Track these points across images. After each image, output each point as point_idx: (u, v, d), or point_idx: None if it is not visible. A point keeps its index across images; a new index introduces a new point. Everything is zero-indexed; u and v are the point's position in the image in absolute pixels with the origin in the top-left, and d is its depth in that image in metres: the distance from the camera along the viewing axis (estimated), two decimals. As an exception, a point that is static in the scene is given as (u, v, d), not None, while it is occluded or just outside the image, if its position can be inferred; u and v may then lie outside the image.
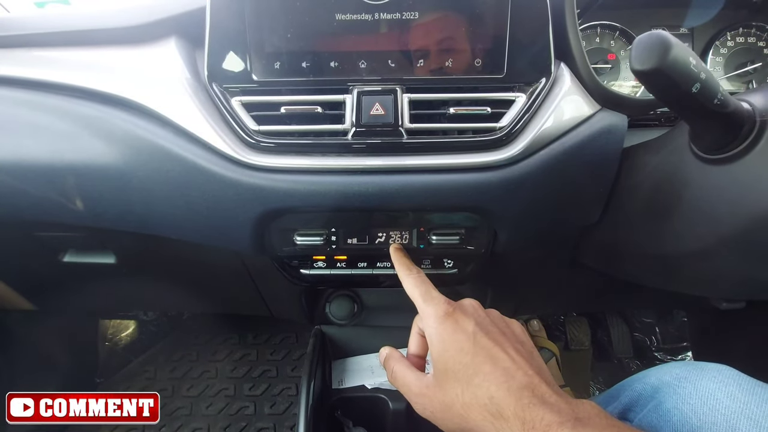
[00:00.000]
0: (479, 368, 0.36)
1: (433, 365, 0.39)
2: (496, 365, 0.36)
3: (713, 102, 0.33)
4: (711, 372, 0.39)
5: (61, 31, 0.53)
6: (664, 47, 0.30)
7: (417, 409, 0.40)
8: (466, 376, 0.36)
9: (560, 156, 0.46)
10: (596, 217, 0.53)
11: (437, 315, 0.40)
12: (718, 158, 0.38)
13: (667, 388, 0.40)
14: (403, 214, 0.51)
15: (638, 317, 1.22)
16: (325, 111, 0.46)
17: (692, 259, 0.45)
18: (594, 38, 0.61)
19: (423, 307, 0.42)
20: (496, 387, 0.34)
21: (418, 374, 0.42)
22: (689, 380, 0.39)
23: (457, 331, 0.39)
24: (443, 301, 0.42)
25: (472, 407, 0.35)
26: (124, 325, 1.31)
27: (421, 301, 0.43)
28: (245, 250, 0.53)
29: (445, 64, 0.46)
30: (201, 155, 0.46)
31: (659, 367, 0.44)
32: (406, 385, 0.41)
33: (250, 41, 0.45)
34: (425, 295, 0.43)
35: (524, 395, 0.33)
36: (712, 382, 0.38)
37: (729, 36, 0.61)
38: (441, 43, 0.45)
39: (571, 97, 0.47)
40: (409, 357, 0.46)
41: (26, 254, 0.74)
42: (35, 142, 0.51)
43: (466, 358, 0.37)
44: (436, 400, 0.38)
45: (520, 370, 0.35)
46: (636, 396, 0.43)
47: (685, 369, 0.41)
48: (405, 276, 0.47)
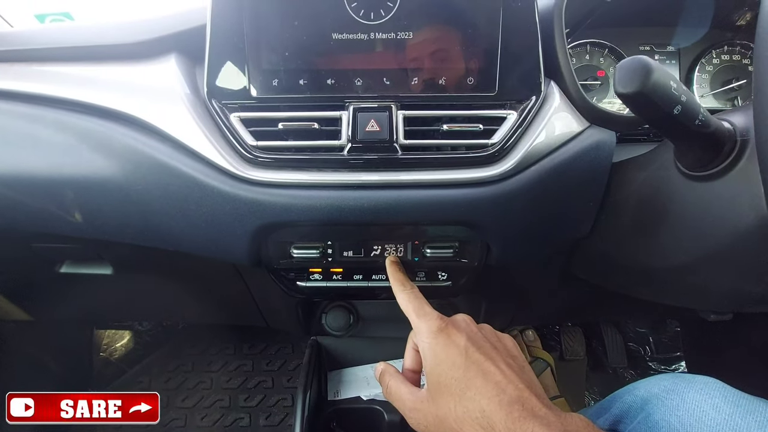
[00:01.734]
0: (471, 382, 0.37)
1: (427, 379, 0.40)
2: (488, 379, 0.36)
3: (695, 122, 0.35)
4: (698, 384, 0.40)
5: (63, 46, 0.54)
6: (646, 71, 0.31)
7: (411, 423, 0.41)
8: (458, 390, 0.37)
9: (551, 171, 0.47)
10: (587, 231, 0.54)
11: (430, 330, 0.41)
12: (702, 175, 0.39)
13: (655, 400, 0.41)
14: (398, 227, 0.51)
15: (632, 327, 1.23)
16: (322, 127, 0.47)
17: (678, 273, 0.46)
18: (584, 55, 0.62)
19: (416, 323, 0.43)
20: (487, 401, 0.35)
21: (412, 389, 0.42)
22: (676, 392, 0.40)
23: (450, 345, 0.39)
24: (436, 317, 0.42)
25: (464, 421, 0.36)
26: (119, 335, 1.30)
27: (415, 317, 0.43)
28: (242, 262, 0.53)
29: (439, 82, 0.47)
30: (200, 170, 0.47)
31: (648, 379, 0.45)
32: (401, 400, 0.42)
33: (249, 58, 0.46)
34: (418, 310, 0.44)
35: (515, 409, 0.34)
36: (698, 394, 0.39)
37: (714, 54, 0.63)
38: (434, 62, 0.47)
39: (560, 114, 0.48)
40: (405, 372, 0.46)
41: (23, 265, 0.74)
42: (35, 155, 0.51)
43: (458, 372, 0.37)
44: (429, 414, 0.38)
45: (511, 384, 0.36)
46: (626, 408, 0.43)
47: (672, 381, 0.42)
48: (399, 291, 0.47)
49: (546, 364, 1.05)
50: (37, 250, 0.66)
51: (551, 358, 1.07)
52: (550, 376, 1.04)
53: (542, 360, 1.06)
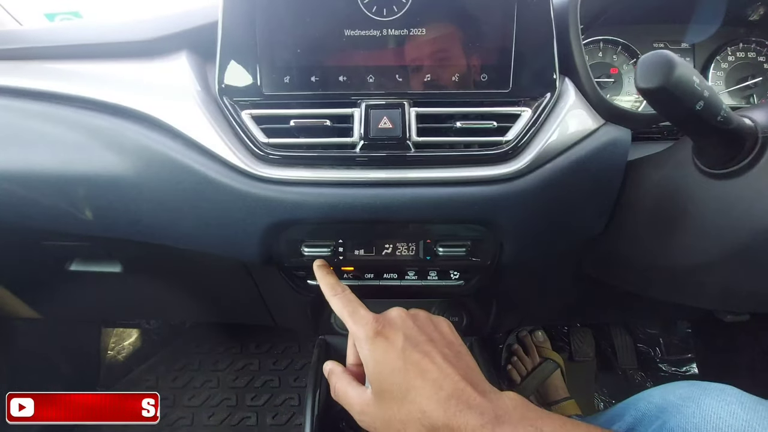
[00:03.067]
0: (411, 384, 0.37)
1: (371, 385, 0.40)
2: (426, 378, 0.37)
3: (716, 119, 0.34)
4: (714, 392, 0.39)
5: (75, 44, 0.54)
6: (669, 66, 0.31)
7: (361, 425, 0.41)
8: (399, 393, 0.37)
9: (565, 169, 0.46)
10: (600, 229, 0.53)
11: (367, 336, 0.40)
12: (722, 173, 0.39)
13: (671, 408, 0.40)
14: (410, 226, 0.51)
15: (642, 328, 1.21)
16: (334, 124, 0.46)
17: (696, 272, 0.45)
18: (597, 53, 0.62)
19: (353, 328, 0.42)
20: (426, 400, 0.35)
21: (359, 390, 0.42)
22: (693, 400, 0.39)
23: (388, 350, 0.39)
24: (371, 320, 0.42)
25: (408, 423, 0.36)
26: (127, 334, 1.31)
27: (351, 322, 0.43)
28: (252, 260, 0.53)
29: (452, 78, 0.47)
30: (211, 167, 0.47)
31: (664, 386, 0.45)
32: (348, 402, 0.42)
33: (261, 56, 0.46)
34: (354, 315, 0.43)
35: (451, 404, 0.35)
36: (715, 401, 0.38)
37: (729, 51, 0.62)
38: (448, 58, 0.46)
39: (575, 111, 0.48)
40: (349, 367, 0.46)
41: (32, 263, 0.74)
42: (46, 153, 0.51)
43: (398, 377, 0.38)
44: (377, 418, 0.39)
45: (447, 379, 0.36)
46: (640, 416, 0.43)
47: (689, 389, 0.41)
48: (331, 296, 0.46)
49: (556, 365, 1.04)
50: (47, 248, 0.66)
51: (561, 360, 1.06)
52: (560, 377, 1.03)
53: (552, 361, 1.05)
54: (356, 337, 0.42)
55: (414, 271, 0.57)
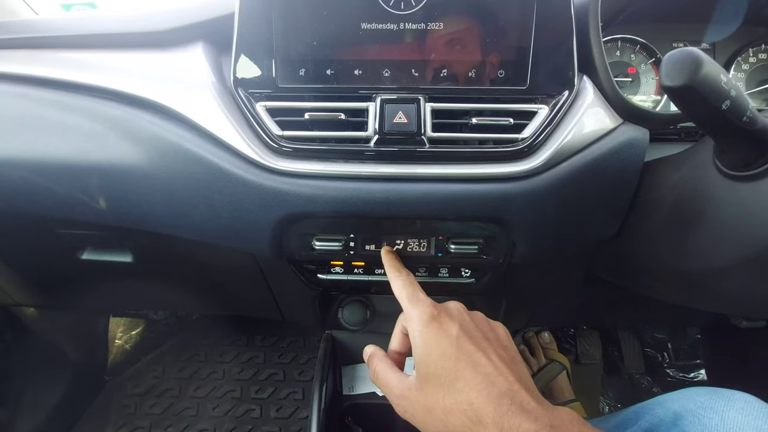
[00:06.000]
0: (461, 373, 0.36)
1: (416, 368, 0.39)
2: (478, 371, 0.36)
3: (742, 119, 0.33)
4: (738, 402, 0.38)
5: (92, 33, 0.54)
6: (696, 64, 0.30)
7: (398, 410, 0.40)
8: (447, 381, 0.36)
9: (582, 169, 0.46)
10: (615, 230, 0.52)
11: (422, 318, 0.40)
12: (744, 175, 0.38)
13: (690, 416, 0.39)
14: (423, 222, 0.51)
15: (650, 332, 1.20)
16: (348, 118, 0.46)
17: (714, 276, 0.44)
18: (615, 51, 0.61)
19: (409, 309, 0.42)
20: (476, 393, 0.34)
21: (400, 375, 0.41)
22: (715, 410, 0.38)
23: (441, 335, 0.38)
24: (429, 304, 0.42)
25: (452, 412, 0.35)
26: (135, 323, 1.32)
27: (408, 303, 0.43)
28: (263, 253, 0.53)
29: (469, 74, 0.46)
30: (225, 158, 0.47)
31: (682, 391, 0.43)
32: (388, 385, 0.41)
33: (277, 48, 0.46)
34: (412, 297, 0.43)
35: (503, 402, 0.34)
36: (739, 414, 0.37)
37: (751, 52, 0.61)
38: (465, 54, 0.46)
39: (593, 110, 0.47)
40: (390, 353, 0.46)
41: (45, 251, 0.75)
42: (63, 141, 0.52)
43: (448, 362, 0.37)
44: (417, 403, 0.38)
45: (501, 377, 0.36)
46: (657, 421, 0.42)
47: (709, 397, 0.40)
48: (394, 277, 0.47)
49: (562, 366, 1.03)
50: (60, 236, 0.66)
51: (567, 361, 1.05)
52: (565, 380, 1.03)
53: (558, 362, 1.04)
54: (410, 317, 0.41)
55: (425, 267, 0.57)
